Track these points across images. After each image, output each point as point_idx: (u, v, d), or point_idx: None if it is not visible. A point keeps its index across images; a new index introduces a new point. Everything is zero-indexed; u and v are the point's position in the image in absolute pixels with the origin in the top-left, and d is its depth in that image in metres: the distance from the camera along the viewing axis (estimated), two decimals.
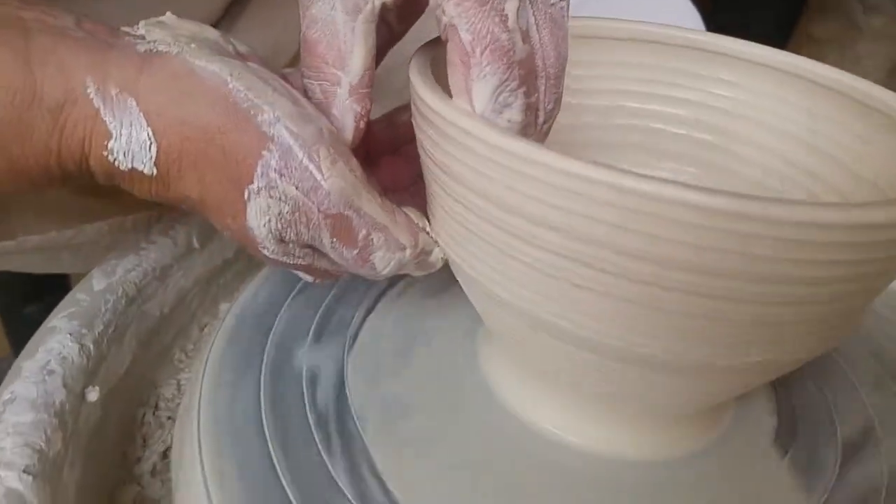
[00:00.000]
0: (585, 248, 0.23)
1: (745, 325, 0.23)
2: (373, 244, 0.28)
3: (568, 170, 0.22)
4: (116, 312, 0.36)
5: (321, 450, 0.31)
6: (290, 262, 0.29)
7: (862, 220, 0.21)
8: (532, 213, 0.23)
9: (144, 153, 0.26)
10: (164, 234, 0.41)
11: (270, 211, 0.26)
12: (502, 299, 0.27)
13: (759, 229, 0.21)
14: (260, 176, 0.26)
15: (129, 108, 0.26)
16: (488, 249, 0.26)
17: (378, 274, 0.29)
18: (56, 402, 0.30)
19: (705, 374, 0.26)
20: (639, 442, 0.32)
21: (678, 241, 0.21)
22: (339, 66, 0.27)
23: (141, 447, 0.36)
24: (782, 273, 0.22)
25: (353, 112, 0.28)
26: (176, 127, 0.26)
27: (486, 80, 0.25)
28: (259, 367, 0.35)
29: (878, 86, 0.32)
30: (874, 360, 0.39)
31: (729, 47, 0.37)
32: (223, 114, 0.26)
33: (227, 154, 0.26)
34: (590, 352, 0.26)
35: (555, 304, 0.25)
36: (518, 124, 0.26)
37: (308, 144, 0.26)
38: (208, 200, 0.27)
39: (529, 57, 0.25)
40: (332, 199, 0.26)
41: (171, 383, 0.40)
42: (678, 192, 0.21)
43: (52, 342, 0.33)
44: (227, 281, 0.46)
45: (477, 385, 0.35)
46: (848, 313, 0.25)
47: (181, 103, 0.26)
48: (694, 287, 0.22)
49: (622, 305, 0.24)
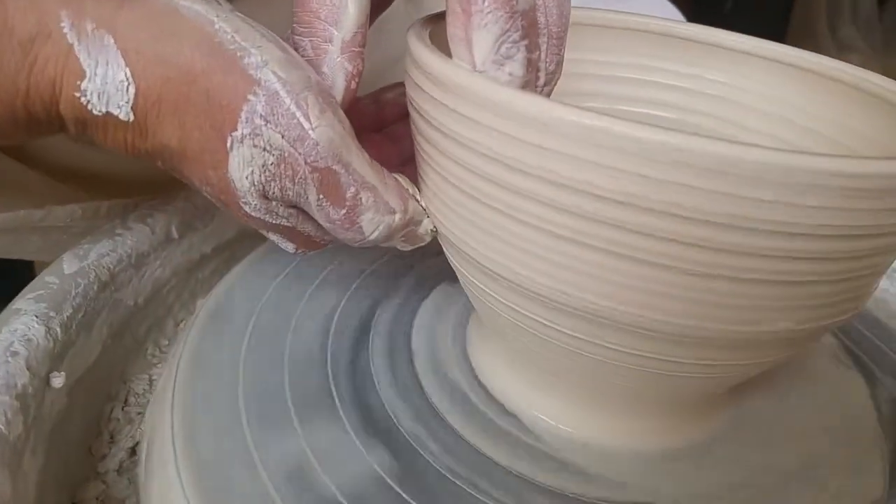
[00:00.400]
0: (595, 205, 0.22)
1: (754, 285, 0.22)
2: (361, 204, 0.26)
3: (581, 121, 0.21)
4: (87, 297, 0.34)
5: (302, 440, 0.29)
6: (273, 221, 0.27)
7: (881, 171, 0.20)
8: (536, 166, 0.22)
9: (121, 95, 0.24)
10: (142, 221, 0.39)
11: (254, 161, 0.25)
12: (492, 270, 0.26)
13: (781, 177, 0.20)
14: (244, 122, 0.24)
15: (105, 46, 0.24)
16: (485, 213, 0.25)
17: (365, 239, 0.27)
18: (18, 384, 0.28)
19: (705, 346, 0.25)
20: (631, 430, 0.31)
21: (701, 189, 0.20)
22: (332, 22, 0.26)
23: (108, 443, 0.34)
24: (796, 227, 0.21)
25: (345, 70, 0.26)
26: (156, 67, 0.24)
27: (488, 29, 0.24)
28: (238, 356, 0.33)
29: (870, 71, 0.33)
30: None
31: (721, 38, 0.37)
32: (208, 54, 0.24)
33: (210, 97, 0.24)
34: (587, 322, 0.25)
35: (553, 270, 0.24)
36: (519, 79, 0.25)
37: (296, 91, 0.24)
38: (188, 149, 0.26)
39: (532, 10, 0.24)
40: (319, 150, 0.25)
41: (142, 378, 0.37)
42: (700, 143, 0.20)
43: (17, 323, 0.30)
44: (205, 276, 0.43)
45: (465, 375, 0.34)
46: (857, 285, 0.24)
47: (163, 42, 0.24)
48: (709, 243, 0.21)
49: (631, 268, 0.23)
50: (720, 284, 0.22)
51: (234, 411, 0.31)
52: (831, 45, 1.57)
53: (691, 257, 0.22)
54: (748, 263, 0.22)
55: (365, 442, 0.29)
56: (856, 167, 0.20)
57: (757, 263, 0.21)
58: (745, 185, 0.20)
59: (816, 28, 1.57)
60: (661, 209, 0.21)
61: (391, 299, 0.38)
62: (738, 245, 0.21)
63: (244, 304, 0.37)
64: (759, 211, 0.20)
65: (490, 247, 0.26)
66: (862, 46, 1.56)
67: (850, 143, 0.32)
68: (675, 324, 0.24)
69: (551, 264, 0.24)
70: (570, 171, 0.21)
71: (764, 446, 0.32)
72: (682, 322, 0.23)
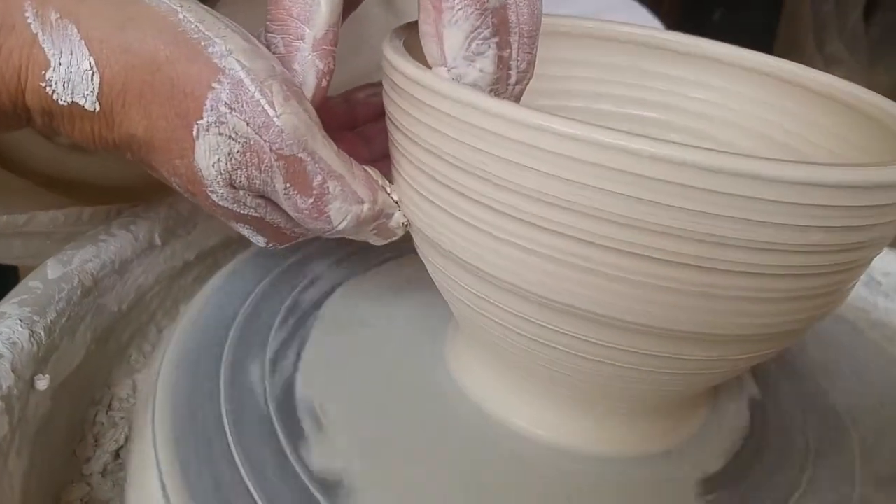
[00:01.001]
0: (565, 217, 0.23)
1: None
2: (328, 193, 0.26)
3: (548, 126, 0.22)
4: (71, 302, 0.34)
5: (282, 442, 0.30)
6: (241, 211, 0.28)
7: (857, 180, 0.21)
8: (503, 175, 0.23)
9: (86, 84, 0.25)
10: (125, 228, 0.39)
11: (220, 149, 0.25)
12: (463, 259, 0.27)
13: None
14: (209, 110, 0.24)
15: (69, 35, 0.24)
16: (458, 203, 0.26)
17: (334, 229, 0.28)
18: (3, 386, 0.28)
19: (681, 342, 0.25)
20: (610, 437, 0.31)
21: (667, 204, 0.21)
22: (305, 20, 0.26)
23: (92, 446, 0.34)
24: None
25: (316, 68, 0.27)
26: (120, 55, 0.24)
27: (459, 26, 0.24)
28: (218, 362, 0.34)
29: (856, 84, 0.33)
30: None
31: (703, 48, 0.37)
32: (172, 42, 0.24)
33: (175, 86, 0.24)
34: (562, 314, 0.26)
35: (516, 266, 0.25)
36: (490, 76, 0.25)
37: (260, 79, 0.24)
38: (155, 139, 0.26)
39: (503, 8, 0.25)
40: (284, 137, 0.25)
41: (126, 383, 0.38)
42: (678, 151, 0.21)
43: (1, 327, 0.30)
44: (188, 283, 0.44)
45: (443, 379, 0.34)
46: (835, 289, 0.25)
47: (126, 30, 0.24)
48: (683, 258, 0.22)
49: (611, 284, 0.23)
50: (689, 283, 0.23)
51: (217, 416, 0.31)
52: (818, 59, 1.58)
53: (652, 271, 0.23)
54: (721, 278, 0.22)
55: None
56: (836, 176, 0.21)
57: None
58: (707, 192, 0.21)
59: (803, 42, 1.58)
60: (611, 219, 0.22)
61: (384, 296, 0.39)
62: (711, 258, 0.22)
63: (226, 310, 0.37)
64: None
65: (463, 237, 0.26)
66: (848, 60, 1.57)
67: (829, 156, 0.33)
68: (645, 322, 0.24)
69: (519, 254, 0.24)
70: (535, 181, 0.22)
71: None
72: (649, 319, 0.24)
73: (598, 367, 0.27)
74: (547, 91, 0.38)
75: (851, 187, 0.21)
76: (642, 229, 0.22)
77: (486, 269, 0.26)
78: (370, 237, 0.30)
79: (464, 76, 0.26)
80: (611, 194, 0.21)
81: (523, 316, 0.26)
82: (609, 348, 0.26)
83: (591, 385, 0.29)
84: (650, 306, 0.24)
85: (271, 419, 0.31)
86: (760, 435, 0.33)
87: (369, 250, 0.36)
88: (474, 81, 0.26)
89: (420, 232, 0.29)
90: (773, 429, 0.34)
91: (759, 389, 0.36)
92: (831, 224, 0.22)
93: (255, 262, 0.41)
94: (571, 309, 0.25)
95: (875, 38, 1.65)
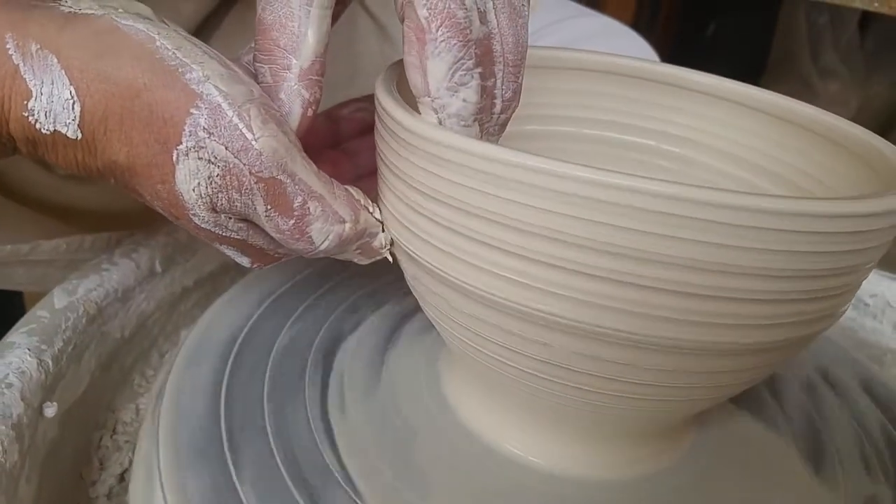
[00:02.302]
0: (548, 248, 0.24)
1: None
2: (309, 214, 0.27)
3: (521, 162, 0.23)
4: (76, 331, 0.36)
5: (281, 468, 0.31)
6: (223, 234, 0.28)
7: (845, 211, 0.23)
8: (487, 209, 0.24)
9: (67, 113, 0.25)
10: (127, 257, 0.41)
11: (200, 174, 0.25)
12: (446, 276, 0.27)
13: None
14: (188, 135, 0.25)
15: (49, 65, 0.25)
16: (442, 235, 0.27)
17: (316, 249, 0.28)
18: (14, 414, 0.30)
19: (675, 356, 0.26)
20: (602, 461, 0.32)
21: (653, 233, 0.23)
22: (291, 50, 0.27)
23: (98, 469, 0.35)
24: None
25: (302, 98, 0.27)
26: (100, 84, 0.25)
27: (442, 57, 0.25)
28: (220, 386, 0.35)
29: (835, 115, 0.33)
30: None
31: (688, 78, 0.38)
32: (149, 70, 0.25)
33: (153, 112, 0.25)
34: (553, 331, 0.26)
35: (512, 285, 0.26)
36: (473, 105, 0.26)
37: (238, 103, 0.25)
38: (137, 164, 0.26)
39: (486, 38, 0.25)
40: (263, 160, 0.25)
41: (129, 407, 0.39)
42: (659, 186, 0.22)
43: (11, 356, 0.32)
44: (188, 308, 0.45)
45: (439, 406, 0.35)
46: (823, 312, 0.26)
47: (104, 58, 0.25)
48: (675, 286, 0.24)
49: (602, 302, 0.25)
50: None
51: (216, 439, 0.32)
52: (813, 71, 1.57)
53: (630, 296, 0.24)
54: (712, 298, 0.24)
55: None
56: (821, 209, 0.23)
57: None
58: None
59: (798, 54, 1.58)
60: (588, 245, 0.23)
61: (374, 322, 0.40)
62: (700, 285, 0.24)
63: (225, 335, 0.38)
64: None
65: (448, 256, 0.27)
66: (844, 72, 1.57)
67: (811, 188, 0.34)
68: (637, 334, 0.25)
69: (507, 278, 0.26)
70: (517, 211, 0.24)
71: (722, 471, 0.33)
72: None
73: (584, 394, 0.28)
74: (529, 117, 0.39)
75: (846, 217, 0.23)
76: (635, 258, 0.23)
77: (478, 288, 0.27)
78: (354, 257, 0.30)
79: (447, 106, 0.26)
80: (598, 225, 0.23)
81: (520, 335, 0.27)
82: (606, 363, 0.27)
83: (579, 410, 0.30)
84: (645, 321, 0.25)
85: (270, 443, 0.32)
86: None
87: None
88: (458, 111, 0.26)
89: (402, 250, 0.30)
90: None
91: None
92: (825, 249, 0.23)
93: (251, 291, 0.42)
94: (573, 326, 0.26)
95: (870, 49, 1.64)
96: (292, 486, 0.30)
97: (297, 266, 0.43)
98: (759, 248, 0.23)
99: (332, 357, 0.37)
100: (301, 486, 0.30)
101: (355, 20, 0.58)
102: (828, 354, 0.43)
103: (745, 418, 0.36)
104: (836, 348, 0.44)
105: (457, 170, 0.25)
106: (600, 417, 0.30)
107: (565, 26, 0.63)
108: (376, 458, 0.31)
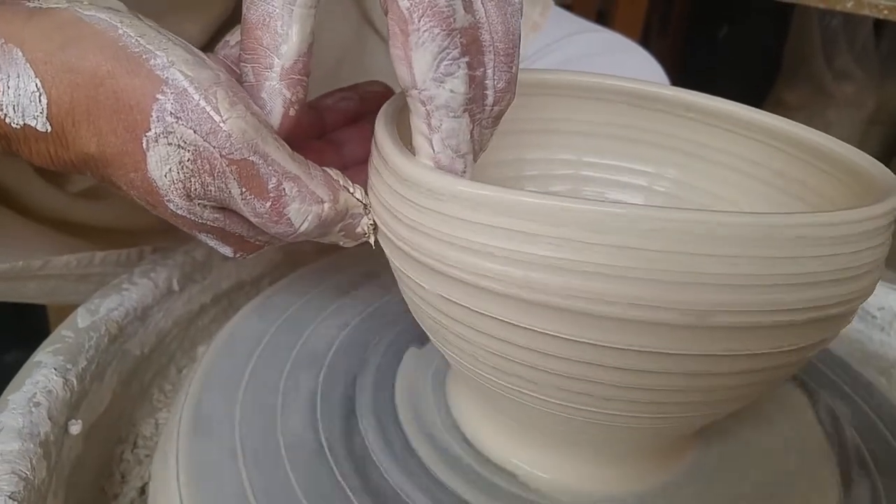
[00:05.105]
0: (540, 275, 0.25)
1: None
2: (285, 195, 0.26)
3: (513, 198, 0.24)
4: (99, 350, 0.37)
5: (294, 483, 0.32)
6: (201, 221, 0.28)
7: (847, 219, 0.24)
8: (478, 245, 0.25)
9: (35, 106, 0.26)
10: (146, 276, 0.42)
11: (171, 159, 0.25)
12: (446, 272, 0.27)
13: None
14: (156, 121, 0.25)
15: (14, 59, 0.25)
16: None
17: (296, 232, 0.28)
18: (41, 432, 0.31)
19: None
20: (605, 476, 0.33)
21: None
22: (274, 49, 0.26)
23: (119, 483, 0.37)
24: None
25: (283, 97, 0.27)
26: (64, 74, 0.25)
27: (426, 47, 0.25)
28: (236, 402, 0.36)
29: (841, 141, 0.33)
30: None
31: (691, 101, 0.38)
32: (112, 58, 0.25)
33: (119, 99, 0.25)
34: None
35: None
36: (462, 96, 0.25)
37: (204, 87, 0.25)
38: (108, 154, 0.26)
39: (473, 27, 0.25)
40: (233, 141, 0.25)
41: (149, 422, 0.41)
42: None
43: (38, 375, 0.33)
44: (204, 324, 0.47)
45: (445, 423, 0.36)
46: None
47: (68, 49, 0.25)
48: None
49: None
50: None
51: (232, 452, 0.33)
52: (827, 74, 1.55)
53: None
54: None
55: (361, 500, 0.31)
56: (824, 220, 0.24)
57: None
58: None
59: (812, 57, 1.56)
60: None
61: (378, 347, 0.41)
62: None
63: (242, 350, 0.40)
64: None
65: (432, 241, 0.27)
66: (859, 74, 1.55)
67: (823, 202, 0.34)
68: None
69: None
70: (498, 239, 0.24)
71: (728, 480, 0.34)
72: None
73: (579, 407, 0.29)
74: (530, 144, 0.40)
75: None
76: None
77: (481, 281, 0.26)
78: (339, 239, 0.30)
79: (434, 98, 0.26)
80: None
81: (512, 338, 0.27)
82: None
83: (591, 421, 0.30)
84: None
85: (283, 456, 0.33)
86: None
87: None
88: (446, 103, 0.26)
89: (386, 237, 0.29)
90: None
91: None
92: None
93: (266, 308, 0.43)
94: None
95: (886, 51, 1.62)
96: (298, 492, 0.31)
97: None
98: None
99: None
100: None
101: (366, 38, 0.59)
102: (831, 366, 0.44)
103: (745, 432, 0.37)
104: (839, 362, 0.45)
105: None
106: (596, 431, 0.30)
107: (571, 42, 0.63)
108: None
